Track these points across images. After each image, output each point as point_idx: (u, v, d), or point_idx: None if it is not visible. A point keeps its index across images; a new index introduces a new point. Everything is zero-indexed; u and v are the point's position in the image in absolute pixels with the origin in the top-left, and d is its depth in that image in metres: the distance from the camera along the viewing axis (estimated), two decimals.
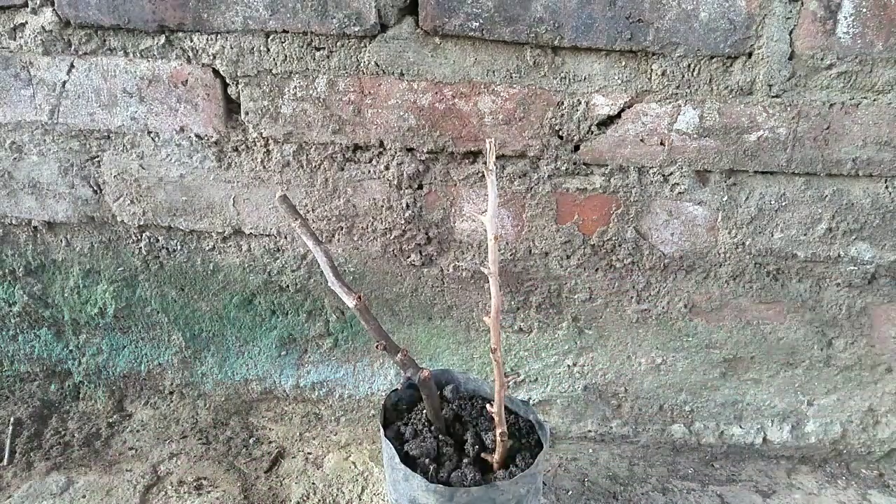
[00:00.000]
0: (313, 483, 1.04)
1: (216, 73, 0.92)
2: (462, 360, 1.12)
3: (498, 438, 0.82)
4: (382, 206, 1.00)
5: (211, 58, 0.91)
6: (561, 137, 0.93)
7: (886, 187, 0.95)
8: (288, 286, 1.08)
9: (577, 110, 0.92)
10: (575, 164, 0.95)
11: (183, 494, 1.00)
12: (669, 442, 1.15)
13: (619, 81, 0.90)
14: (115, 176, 1.01)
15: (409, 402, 0.95)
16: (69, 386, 1.18)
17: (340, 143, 0.96)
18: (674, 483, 1.07)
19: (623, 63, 0.89)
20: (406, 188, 0.98)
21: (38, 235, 1.06)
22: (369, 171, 0.98)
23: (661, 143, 0.93)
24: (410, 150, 0.96)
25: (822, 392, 1.10)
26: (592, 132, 0.93)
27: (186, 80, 0.93)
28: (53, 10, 0.89)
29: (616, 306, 1.05)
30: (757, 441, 1.14)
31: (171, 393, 1.18)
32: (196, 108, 0.95)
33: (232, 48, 0.90)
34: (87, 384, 1.18)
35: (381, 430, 0.85)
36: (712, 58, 0.88)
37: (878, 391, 1.10)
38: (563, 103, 0.91)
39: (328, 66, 0.91)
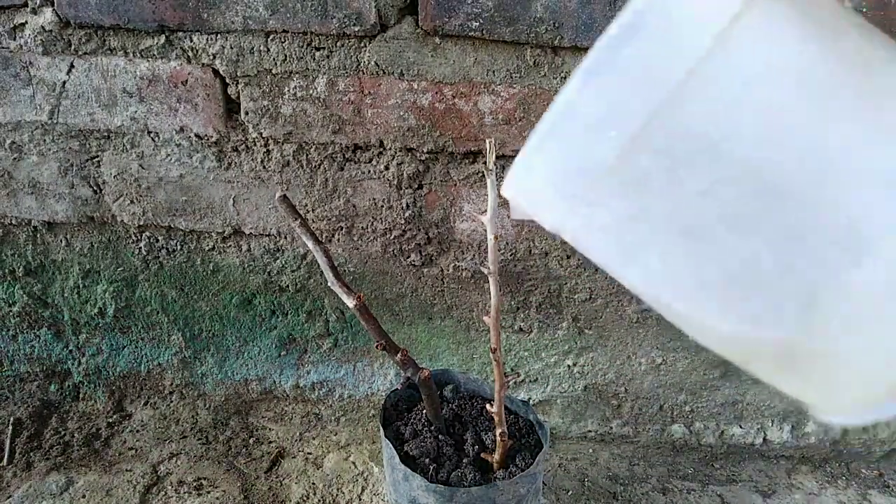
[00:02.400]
0: (313, 483, 1.04)
1: (216, 73, 0.92)
2: (462, 360, 1.12)
3: (498, 438, 0.82)
4: (382, 206, 1.00)
5: (211, 58, 0.91)
6: None
7: None
8: (288, 286, 1.07)
9: None
10: None
11: (183, 494, 1.00)
12: (669, 442, 1.15)
13: None
14: (114, 176, 1.01)
15: (409, 402, 0.95)
16: (69, 386, 1.18)
17: (340, 143, 0.96)
18: (674, 483, 1.07)
19: None
20: (406, 188, 0.98)
21: (38, 235, 1.06)
22: (369, 171, 0.98)
23: None
24: (410, 150, 0.96)
25: None
26: None
27: (186, 80, 0.93)
28: (53, 10, 0.89)
29: (616, 306, 1.05)
30: (757, 441, 1.14)
31: (171, 393, 1.18)
32: (196, 108, 0.95)
33: (232, 48, 0.90)
34: (87, 384, 1.18)
35: (381, 429, 0.85)
36: None
37: None
38: None
39: (328, 65, 0.91)
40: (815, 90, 0.28)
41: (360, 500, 1.01)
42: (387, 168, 0.97)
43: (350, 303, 0.78)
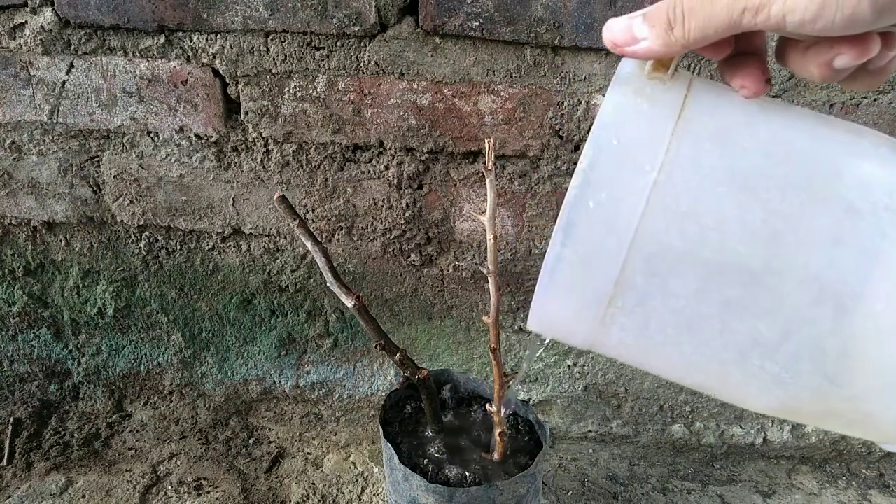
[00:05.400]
0: (313, 483, 1.04)
1: (216, 72, 0.92)
2: (462, 360, 1.12)
3: (497, 438, 0.82)
4: (382, 206, 1.00)
5: (211, 57, 0.91)
6: (561, 137, 0.93)
7: None
8: (287, 286, 1.07)
9: (578, 110, 0.91)
10: (575, 163, 0.95)
11: (183, 495, 1.00)
12: (670, 442, 1.15)
13: None
14: (114, 176, 1.01)
15: (408, 402, 0.95)
16: (69, 386, 1.18)
17: (340, 143, 0.96)
18: (674, 483, 1.07)
19: None
20: (406, 188, 0.98)
21: (38, 235, 1.06)
22: (369, 171, 0.98)
23: None
24: (410, 149, 0.95)
25: None
26: None
27: (186, 80, 0.93)
28: (53, 9, 0.89)
29: None
30: (757, 441, 1.14)
31: (171, 393, 1.18)
32: (196, 107, 0.95)
33: (232, 48, 0.90)
34: (87, 384, 1.18)
35: (381, 430, 0.85)
36: None
37: None
38: (563, 103, 0.91)
39: (328, 65, 0.90)
40: (746, 184, 0.33)
41: (360, 500, 1.01)
42: (387, 168, 0.97)
43: (348, 303, 0.78)
